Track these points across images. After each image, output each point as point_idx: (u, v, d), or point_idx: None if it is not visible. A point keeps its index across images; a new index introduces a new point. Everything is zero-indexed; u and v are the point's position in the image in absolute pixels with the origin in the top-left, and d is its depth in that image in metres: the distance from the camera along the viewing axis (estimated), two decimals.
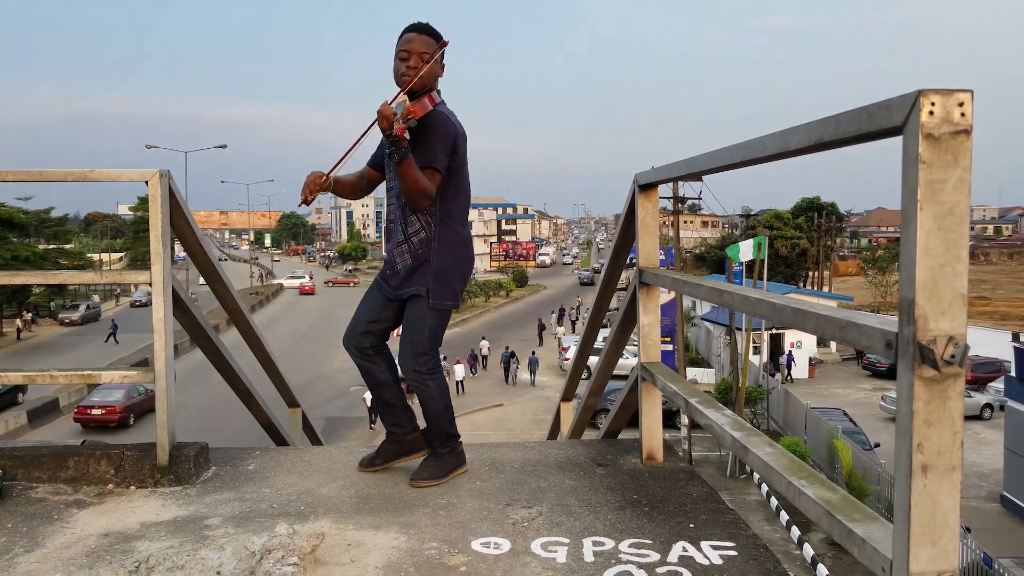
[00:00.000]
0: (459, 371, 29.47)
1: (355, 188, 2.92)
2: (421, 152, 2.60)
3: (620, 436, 3.48)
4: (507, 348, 32.99)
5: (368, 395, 25.06)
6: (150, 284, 2.80)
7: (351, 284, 70.66)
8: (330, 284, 70.39)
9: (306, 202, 2.70)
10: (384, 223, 2.92)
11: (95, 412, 22.20)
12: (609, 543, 2.24)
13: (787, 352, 31.70)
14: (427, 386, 2.78)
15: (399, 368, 2.86)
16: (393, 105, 2.48)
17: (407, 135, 2.46)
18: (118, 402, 22.33)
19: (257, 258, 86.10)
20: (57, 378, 2.99)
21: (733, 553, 2.18)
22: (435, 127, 2.59)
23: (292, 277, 71.85)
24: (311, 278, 70.94)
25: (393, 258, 2.82)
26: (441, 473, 2.79)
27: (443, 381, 2.85)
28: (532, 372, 31.57)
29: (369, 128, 2.63)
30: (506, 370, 31.64)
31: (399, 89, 2.69)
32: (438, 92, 2.75)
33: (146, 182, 2.74)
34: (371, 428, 23.86)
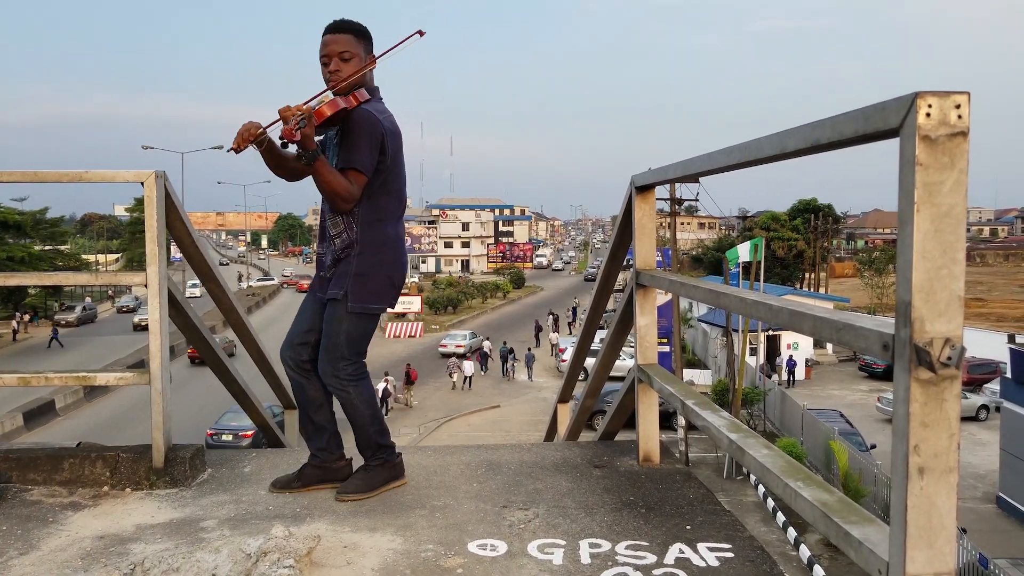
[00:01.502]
0: (468, 367, 30.29)
1: (279, 166, 2.61)
2: (344, 152, 2.52)
3: (617, 438, 3.48)
4: (504, 343, 34.22)
5: (381, 385, 25.86)
6: (146, 285, 2.79)
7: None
8: (284, 284, 69.47)
9: (236, 150, 2.43)
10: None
11: None
12: (606, 545, 2.24)
13: (788, 356, 31.65)
14: (348, 393, 2.62)
15: (319, 375, 2.68)
16: (305, 106, 2.38)
17: (297, 135, 2.33)
18: None
19: (243, 256, 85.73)
20: (52, 380, 2.98)
21: (730, 555, 2.18)
22: (359, 125, 2.49)
23: (262, 279, 70.29)
24: (280, 280, 70.05)
25: (321, 259, 2.71)
26: (369, 486, 2.64)
27: (368, 389, 2.68)
28: (529, 367, 32.58)
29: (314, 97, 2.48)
30: (504, 363, 32.67)
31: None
32: (376, 89, 2.65)
33: (142, 183, 2.74)
34: (483, 374, 25.63)
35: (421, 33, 2.53)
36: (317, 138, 2.53)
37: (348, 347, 2.61)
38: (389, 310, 2.96)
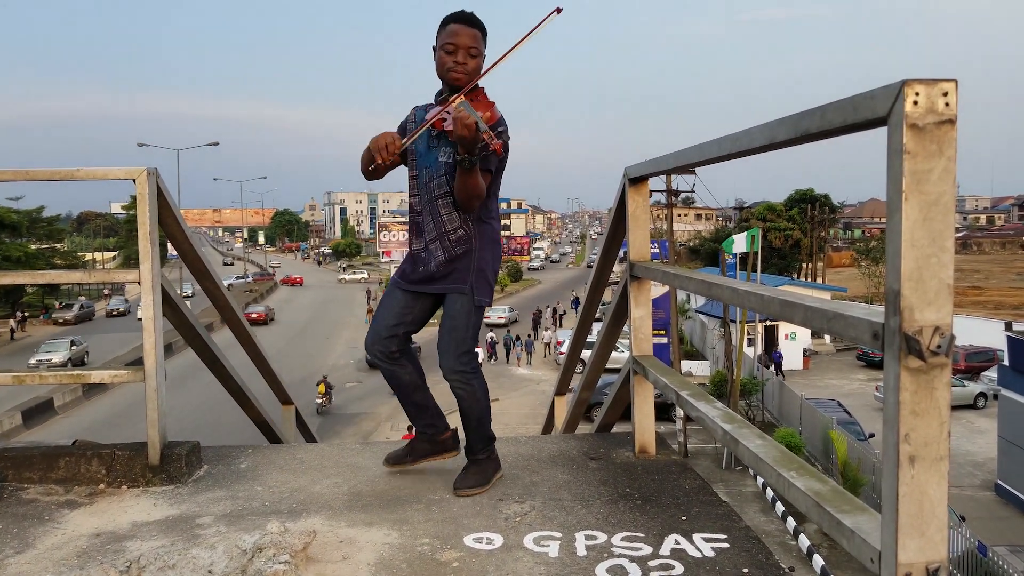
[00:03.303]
0: (479, 355, 30.81)
1: (377, 170, 2.66)
2: (485, 158, 2.50)
3: (614, 430, 3.49)
4: (508, 331, 37.67)
5: (478, 352, 27.67)
6: (139, 283, 2.78)
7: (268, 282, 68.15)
8: (254, 281, 68.48)
9: (384, 163, 2.49)
10: (410, 216, 2.71)
11: None
12: (601, 537, 2.24)
13: (776, 350, 31.60)
14: (471, 386, 2.63)
15: (440, 367, 2.67)
16: (466, 111, 2.33)
17: (499, 145, 2.33)
18: None
19: (231, 250, 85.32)
20: (47, 378, 2.98)
21: (725, 545, 2.19)
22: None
23: (240, 279, 68.50)
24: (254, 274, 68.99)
25: (426, 254, 2.62)
26: (485, 480, 2.65)
27: (484, 381, 2.71)
28: (529, 354, 34.90)
29: (438, 114, 2.48)
30: (508, 351, 34.96)
31: (442, 84, 2.59)
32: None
33: (133, 180, 2.73)
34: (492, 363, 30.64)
35: (559, 10, 2.43)
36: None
37: (473, 340, 2.65)
38: None
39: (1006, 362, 19.11)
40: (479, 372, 2.68)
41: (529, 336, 36.79)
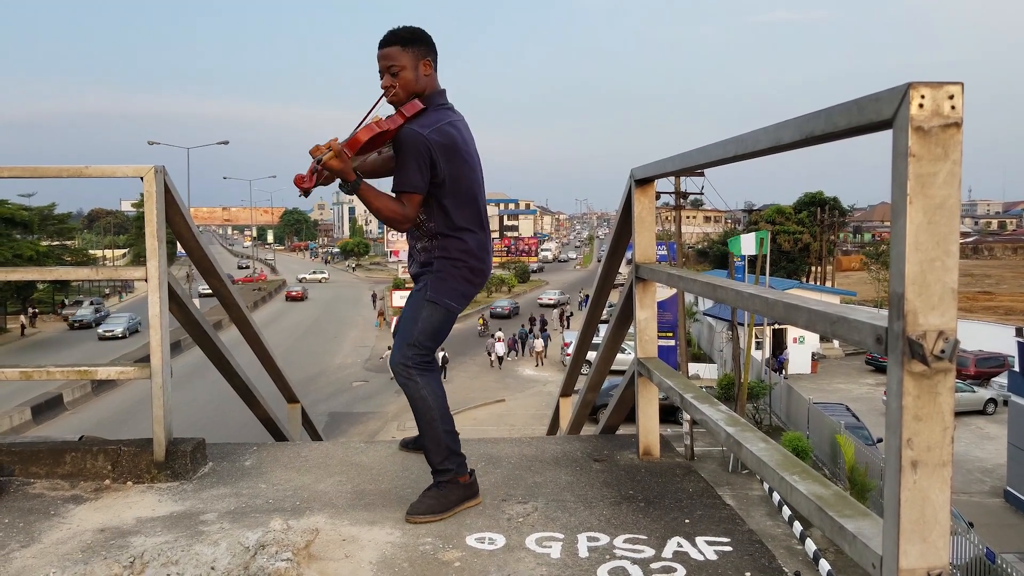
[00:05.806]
0: (500, 348, 33.33)
1: (380, 170, 2.77)
2: (397, 175, 2.50)
3: (619, 432, 3.48)
4: (523, 326, 38.99)
5: (499, 346, 32.77)
6: (146, 280, 2.80)
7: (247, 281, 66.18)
8: (238, 282, 65.94)
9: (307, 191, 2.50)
10: None
11: None
12: (604, 538, 2.24)
13: (781, 353, 31.41)
14: (415, 382, 2.48)
15: (389, 364, 2.65)
16: (332, 142, 2.38)
17: (309, 182, 2.35)
18: None
19: (232, 246, 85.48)
20: (54, 374, 2.99)
21: (728, 548, 2.18)
22: (404, 145, 2.47)
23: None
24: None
25: (410, 261, 2.76)
26: (441, 507, 2.44)
27: (438, 383, 2.54)
28: (545, 344, 36.12)
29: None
30: (522, 344, 36.43)
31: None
32: (439, 93, 2.61)
33: (141, 178, 2.74)
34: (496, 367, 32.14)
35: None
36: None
37: (421, 333, 2.54)
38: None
39: (1016, 368, 18.99)
40: (426, 370, 2.53)
41: (543, 329, 38.29)
